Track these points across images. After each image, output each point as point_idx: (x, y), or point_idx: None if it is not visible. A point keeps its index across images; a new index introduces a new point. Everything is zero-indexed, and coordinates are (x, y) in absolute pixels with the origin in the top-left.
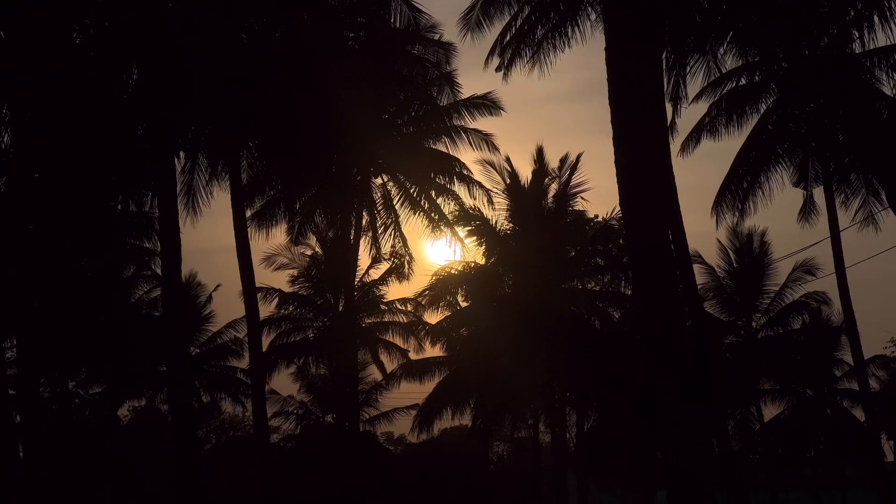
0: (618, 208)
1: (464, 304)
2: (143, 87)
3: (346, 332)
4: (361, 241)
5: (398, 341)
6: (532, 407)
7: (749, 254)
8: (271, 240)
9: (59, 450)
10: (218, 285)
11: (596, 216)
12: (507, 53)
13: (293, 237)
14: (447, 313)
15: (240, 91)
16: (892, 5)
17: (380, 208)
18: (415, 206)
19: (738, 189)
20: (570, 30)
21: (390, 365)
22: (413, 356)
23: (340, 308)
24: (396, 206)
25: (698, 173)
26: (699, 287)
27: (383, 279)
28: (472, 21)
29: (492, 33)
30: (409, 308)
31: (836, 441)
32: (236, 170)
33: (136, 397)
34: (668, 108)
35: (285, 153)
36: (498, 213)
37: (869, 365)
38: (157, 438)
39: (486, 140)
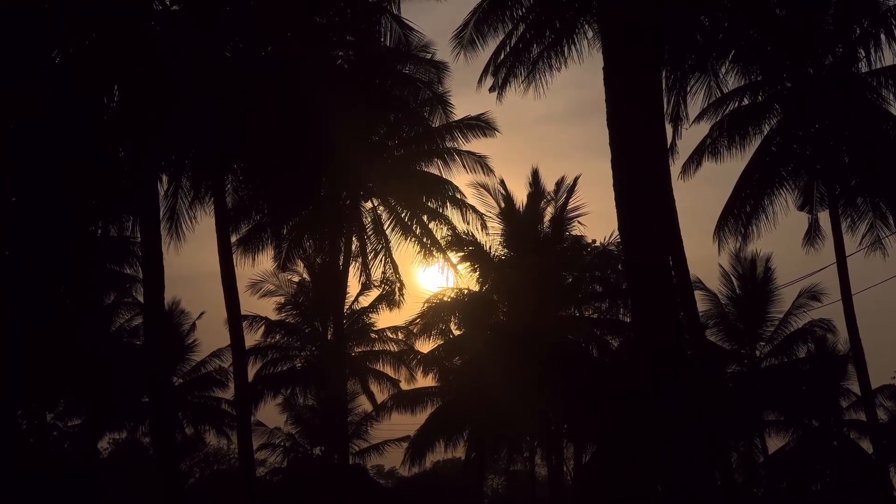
0: (616, 233)
1: (457, 333)
2: (125, 108)
3: (335, 362)
4: (351, 267)
5: (389, 371)
6: (528, 439)
7: (752, 280)
8: (257, 266)
9: (37, 483)
10: (202, 313)
11: (594, 241)
12: (502, 73)
13: (280, 263)
14: (440, 342)
15: (224, 112)
16: None
17: (370, 233)
18: (406, 231)
19: (740, 213)
20: (566, 48)
21: (381, 395)
22: (404, 386)
23: (329, 337)
24: (387, 231)
25: (699, 196)
26: (701, 314)
27: (373, 306)
28: (466, 39)
29: (485, 52)
30: (400, 336)
31: (843, 474)
32: (221, 193)
33: (117, 430)
34: (669, 129)
35: (271, 176)
36: (492, 238)
37: (877, 395)
38: (140, 472)
39: (480, 162)
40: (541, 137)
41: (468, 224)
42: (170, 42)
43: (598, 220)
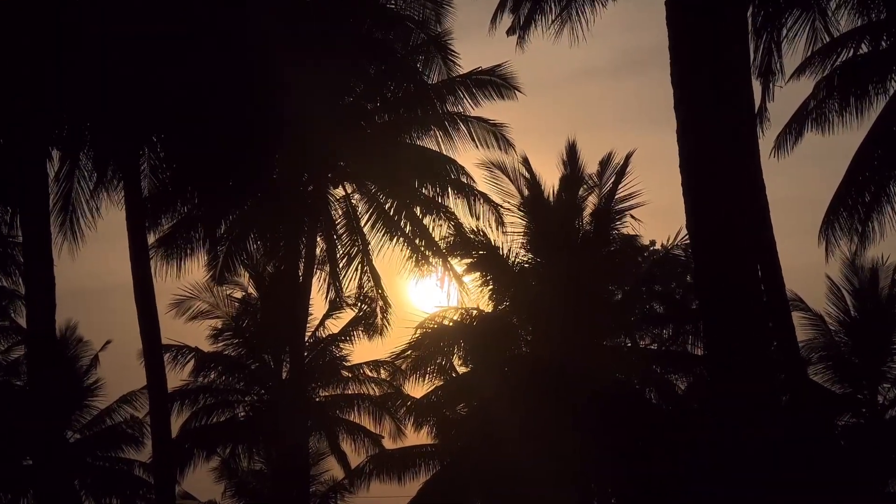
0: (684, 231)
1: (462, 370)
2: None
3: (293, 410)
4: (315, 278)
5: (367, 423)
6: None
7: (873, 297)
8: (185, 276)
9: None
10: (108, 342)
11: (652, 242)
12: (524, 9)
13: (216, 273)
14: (437, 383)
15: (136, 60)
16: None
17: (341, 232)
18: (391, 229)
19: (856, 204)
20: None
21: (356, 457)
22: (388, 444)
23: (284, 375)
24: (365, 229)
25: (800, 181)
26: (801, 345)
27: (346, 333)
28: None
29: None
30: (384, 375)
31: None
32: (134, 176)
33: None
34: (756, 87)
35: (204, 151)
36: (511, 239)
37: None
38: None
39: (494, 133)
40: (579, 99)
41: (478, 219)
42: None
43: (658, 213)
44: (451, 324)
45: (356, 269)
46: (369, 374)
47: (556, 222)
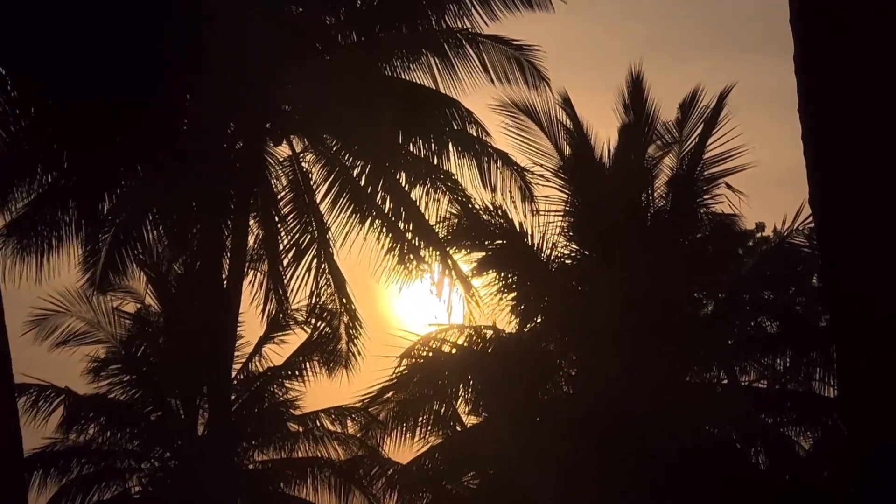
0: (807, 209)
1: (470, 421)
2: None
3: (214, 483)
4: (246, 282)
5: (328, 501)
6: None
7: None
8: (50, 280)
9: None
10: None
11: (760, 226)
12: None
13: (96, 275)
14: (434, 440)
15: None
16: None
17: (286, 211)
18: (362, 207)
19: None
20: None
21: None
22: None
23: (201, 430)
24: (322, 207)
25: None
26: None
27: (294, 366)
28: None
29: None
30: (352, 429)
31: None
32: None
33: None
34: None
35: (76, 92)
36: (546, 222)
37: None
38: None
39: (519, 60)
40: (645, 12)
41: (494, 191)
42: None
43: (769, 181)
44: (453, 351)
45: (308, 268)
46: (330, 427)
47: (613, 196)
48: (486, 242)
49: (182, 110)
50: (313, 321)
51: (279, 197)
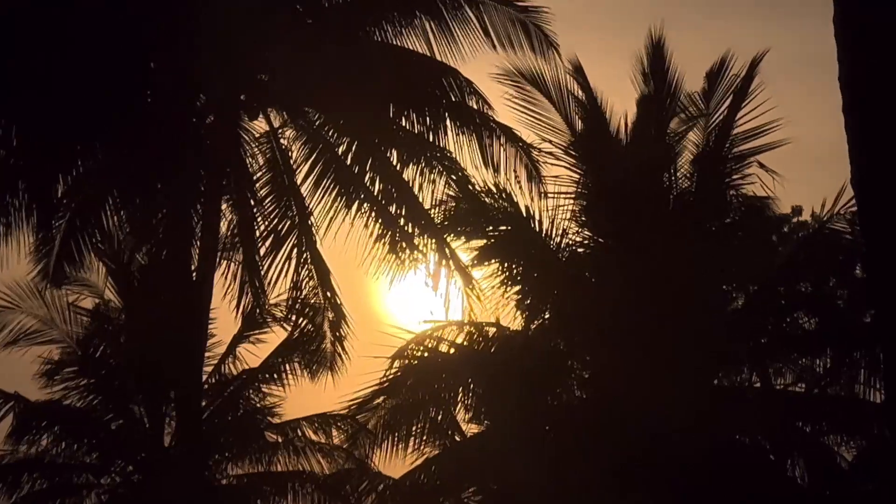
0: (849, 191)
1: (471, 430)
2: None
3: (183, 500)
4: (218, 273)
5: None
6: None
7: None
8: None
9: None
10: None
11: (797, 210)
12: None
13: (50, 266)
14: (430, 451)
15: None
16: None
17: (263, 193)
18: (349, 189)
19: None
20: None
21: None
22: None
23: (168, 440)
24: (304, 189)
25: None
26: None
27: (273, 369)
28: None
29: None
30: (337, 439)
31: None
32: None
33: None
34: None
35: (25, 56)
36: (556, 205)
37: None
38: None
39: (524, 24)
40: None
41: (497, 170)
42: None
43: (807, 159)
44: (451, 350)
45: (288, 258)
46: (313, 437)
47: (631, 176)
48: (488, 228)
49: (145, 79)
50: (294, 317)
51: (255, 178)
